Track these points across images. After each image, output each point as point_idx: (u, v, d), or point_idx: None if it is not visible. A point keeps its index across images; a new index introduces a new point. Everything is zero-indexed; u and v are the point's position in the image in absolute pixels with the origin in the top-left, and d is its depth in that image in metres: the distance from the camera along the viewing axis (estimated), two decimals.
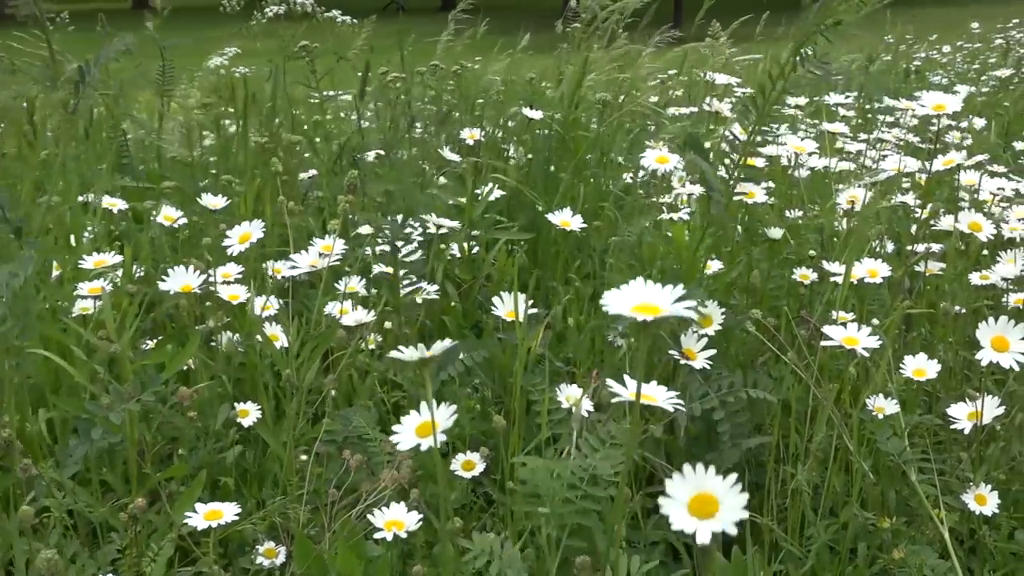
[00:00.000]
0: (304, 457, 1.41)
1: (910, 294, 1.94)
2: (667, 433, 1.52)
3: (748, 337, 1.60)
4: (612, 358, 1.64)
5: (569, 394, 1.37)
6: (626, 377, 1.02)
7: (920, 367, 1.42)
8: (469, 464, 1.42)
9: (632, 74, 2.98)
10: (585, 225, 1.81)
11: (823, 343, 1.34)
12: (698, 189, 1.92)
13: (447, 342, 1.00)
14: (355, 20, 2.96)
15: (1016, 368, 1.28)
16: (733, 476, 0.76)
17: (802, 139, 1.99)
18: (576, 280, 1.89)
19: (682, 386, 1.48)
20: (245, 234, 1.65)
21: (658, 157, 1.79)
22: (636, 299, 0.85)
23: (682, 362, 1.47)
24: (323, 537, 1.24)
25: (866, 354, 1.34)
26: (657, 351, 1.50)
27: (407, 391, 1.66)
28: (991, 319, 1.32)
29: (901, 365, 1.43)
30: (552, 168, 2.20)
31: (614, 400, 1.09)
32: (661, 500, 0.76)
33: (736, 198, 1.56)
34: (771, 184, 1.99)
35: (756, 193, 1.66)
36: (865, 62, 3.63)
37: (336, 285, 1.68)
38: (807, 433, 1.46)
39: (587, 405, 1.23)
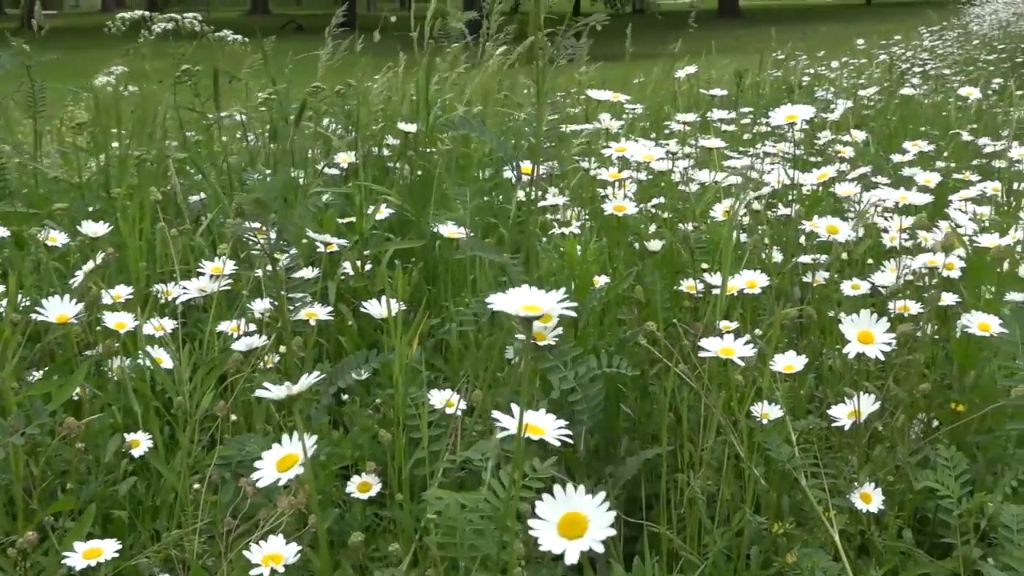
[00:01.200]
0: (198, 486, 1.38)
1: (801, 303, 2.00)
2: (565, 447, 1.53)
3: (640, 349, 1.62)
4: (512, 374, 1.65)
5: (445, 398, 1.37)
6: (514, 406, 1.02)
7: (789, 363, 1.46)
8: (365, 486, 1.40)
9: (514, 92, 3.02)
10: (473, 235, 1.81)
11: (701, 354, 1.37)
12: (561, 199, 1.95)
13: (314, 375, 0.99)
14: (246, 39, 2.92)
15: (881, 358, 1.34)
16: (602, 495, 0.77)
17: (686, 154, 2.02)
18: (468, 297, 1.89)
19: (543, 375, 1.49)
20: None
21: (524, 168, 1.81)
22: (521, 301, 0.86)
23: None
24: (220, 567, 1.21)
25: (742, 363, 1.37)
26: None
27: (303, 410, 1.64)
28: (854, 315, 1.37)
29: (771, 363, 1.46)
30: (443, 185, 2.20)
31: (502, 434, 1.09)
32: (531, 523, 0.76)
33: (607, 212, 1.59)
34: (662, 198, 2.03)
35: (626, 207, 1.69)
36: (736, 78, 3.73)
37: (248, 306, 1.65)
38: (700, 443, 1.49)
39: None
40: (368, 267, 1.98)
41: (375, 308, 1.64)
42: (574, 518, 0.77)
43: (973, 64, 8.95)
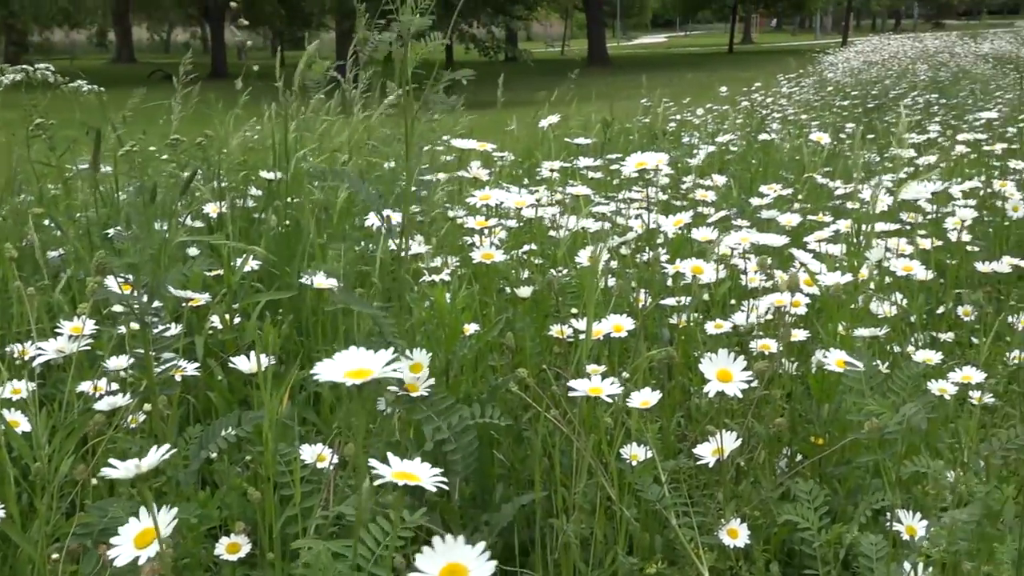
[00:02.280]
0: (57, 556, 1.32)
1: (670, 344, 2.05)
2: (440, 496, 1.53)
3: (512, 396, 1.63)
4: (386, 426, 1.63)
5: (317, 453, 1.35)
6: (390, 455, 1.02)
7: (645, 399, 1.49)
8: (234, 547, 1.37)
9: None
10: (339, 285, 1.80)
11: (570, 395, 1.40)
12: (428, 248, 1.97)
13: (164, 448, 0.96)
14: (101, 89, 2.85)
15: (739, 395, 1.38)
16: (481, 545, 0.77)
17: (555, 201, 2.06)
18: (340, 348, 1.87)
19: (416, 425, 1.49)
20: None
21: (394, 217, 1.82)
22: (348, 367, 0.86)
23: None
24: None
25: (610, 401, 1.40)
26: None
27: (171, 475, 1.59)
28: (712, 354, 1.42)
29: (628, 399, 1.49)
30: (311, 235, 2.19)
31: (377, 482, 1.08)
32: None
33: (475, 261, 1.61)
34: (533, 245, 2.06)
35: (494, 255, 1.71)
36: (602, 126, 3.83)
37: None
38: (573, 486, 1.51)
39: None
40: (237, 320, 1.95)
41: (244, 363, 1.61)
42: (454, 569, 0.76)
43: (828, 109, 9.40)
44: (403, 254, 1.60)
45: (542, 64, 25.08)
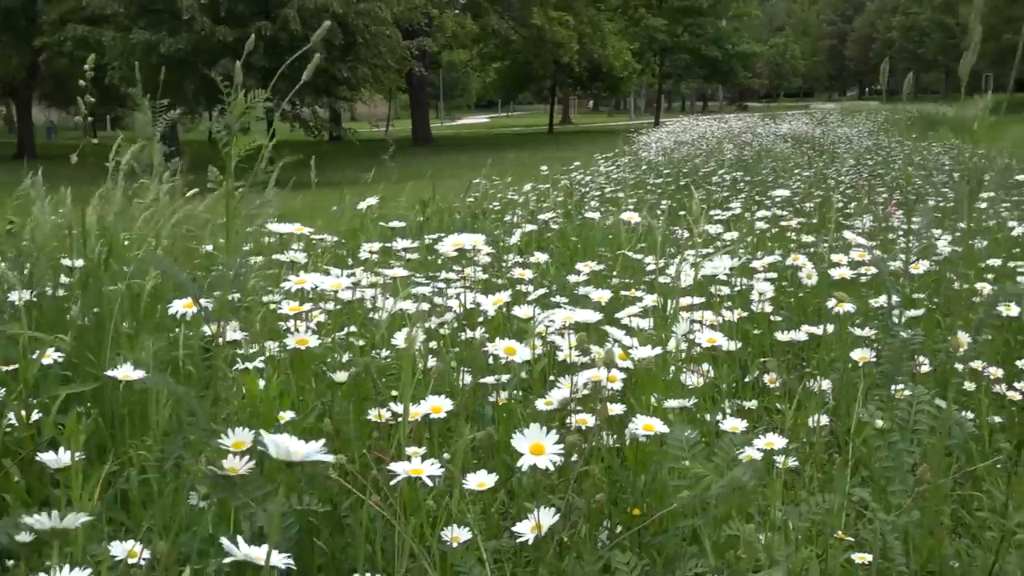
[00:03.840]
0: None
1: (492, 422, 2.06)
2: None
3: (332, 482, 1.60)
4: (200, 519, 1.57)
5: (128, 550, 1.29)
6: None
7: (481, 480, 1.50)
8: None
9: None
10: (145, 375, 1.73)
11: (392, 482, 1.38)
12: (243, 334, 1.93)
13: None
14: None
15: (552, 468, 1.40)
16: None
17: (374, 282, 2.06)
18: (151, 441, 1.80)
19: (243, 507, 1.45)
20: None
21: (185, 303, 1.78)
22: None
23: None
24: None
25: (430, 482, 1.39)
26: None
27: None
28: (525, 429, 1.44)
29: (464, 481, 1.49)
30: (123, 323, 2.10)
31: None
32: None
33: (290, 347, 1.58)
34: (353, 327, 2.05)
35: (308, 340, 1.70)
36: (420, 206, 3.88)
37: None
38: (396, 573, 1.48)
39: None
40: (37, 415, 1.84)
41: (52, 459, 1.50)
42: None
43: (643, 187, 9.81)
44: (218, 341, 1.56)
45: (368, 144, 25.18)
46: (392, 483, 1.43)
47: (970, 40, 1.87)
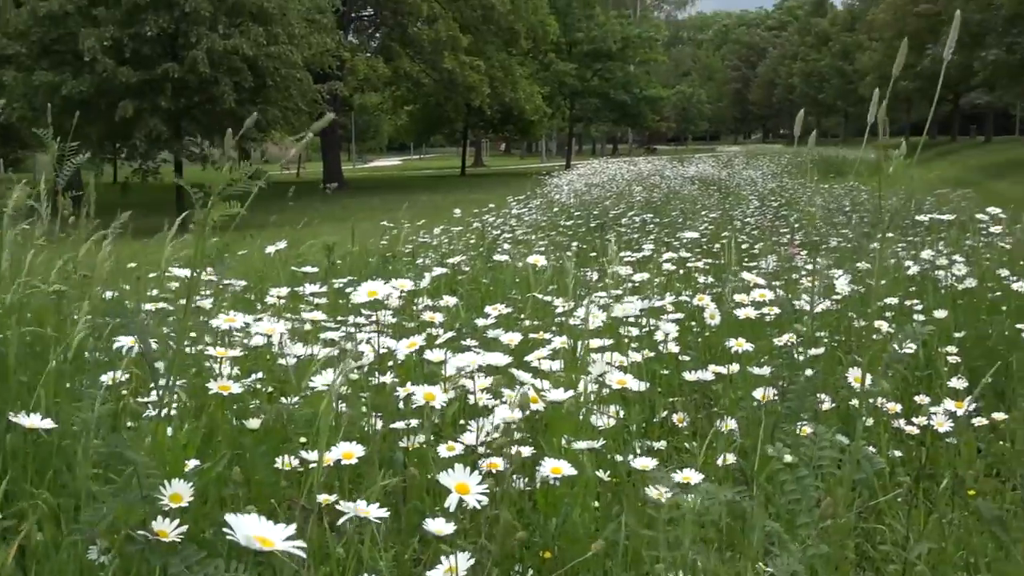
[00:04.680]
0: None
1: (403, 467, 2.05)
2: None
3: None
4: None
5: None
6: None
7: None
8: None
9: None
10: (55, 426, 1.68)
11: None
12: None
13: None
14: None
15: (479, 506, 1.41)
16: None
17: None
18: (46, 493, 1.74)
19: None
20: None
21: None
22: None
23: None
24: None
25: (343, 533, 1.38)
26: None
27: None
28: (450, 469, 1.44)
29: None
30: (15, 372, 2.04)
31: None
32: None
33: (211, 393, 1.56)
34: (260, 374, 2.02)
35: (230, 386, 1.67)
36: (327, 249, 3.86)
37: None
38: None
39: None
40: None
41: None
42: None
43: (555, 229, 9.91)
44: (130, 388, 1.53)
45: (279, 186, 24.96)
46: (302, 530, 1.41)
47: (881, 93, 1.95)
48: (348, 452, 1.65)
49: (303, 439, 1.83)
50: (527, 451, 1.79)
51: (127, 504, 1.38)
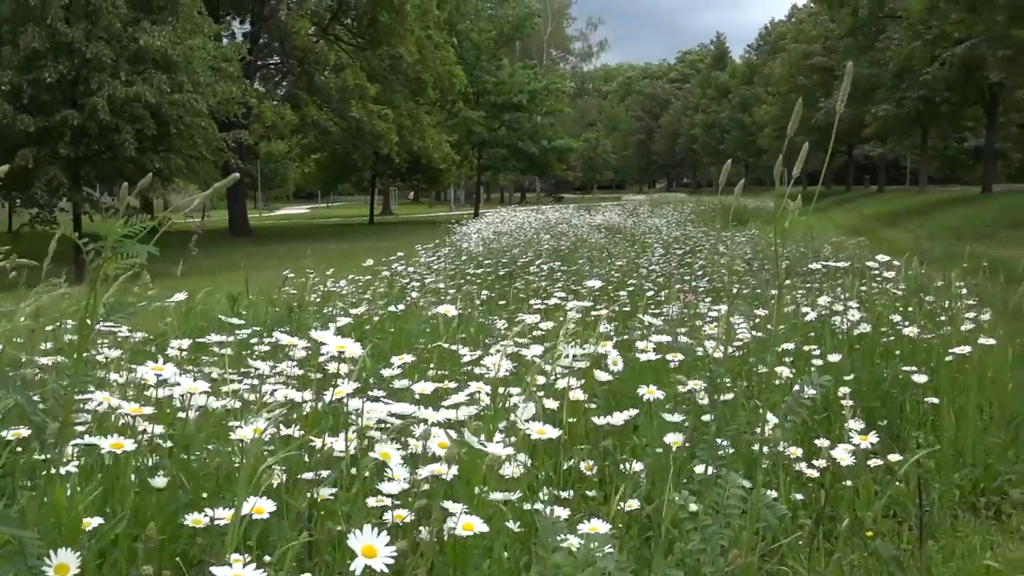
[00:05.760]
0: None
1: (309, 522, 2.02)
2: None
3: None
4: None
5: None
6: None
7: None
8: None
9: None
10: None
11: None
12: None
13: None
14: None
15: (386, 570, 1.40)
16: None
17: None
18: None
19: None
20: None
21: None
22: None
23: None
24: None
25: None
26: None
27: None
28: (358, 531, 1.43)
29: None
30: None
31: None
32: None
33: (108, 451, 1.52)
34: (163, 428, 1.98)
35: (124, 444, 1.64)
36: (231, 299, 3.82)
37: None
38: None
39: None
40: None
41: None
42: None
43: (463, 277, 9.94)
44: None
45: (182, 235, 24.54)
46: None
47: (784, 146, 2.03)
48: (259, 507, 1.61)
49: (204, 494, 1.79)
50: (452, 506, 1.78)
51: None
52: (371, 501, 1.88)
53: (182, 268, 5.23)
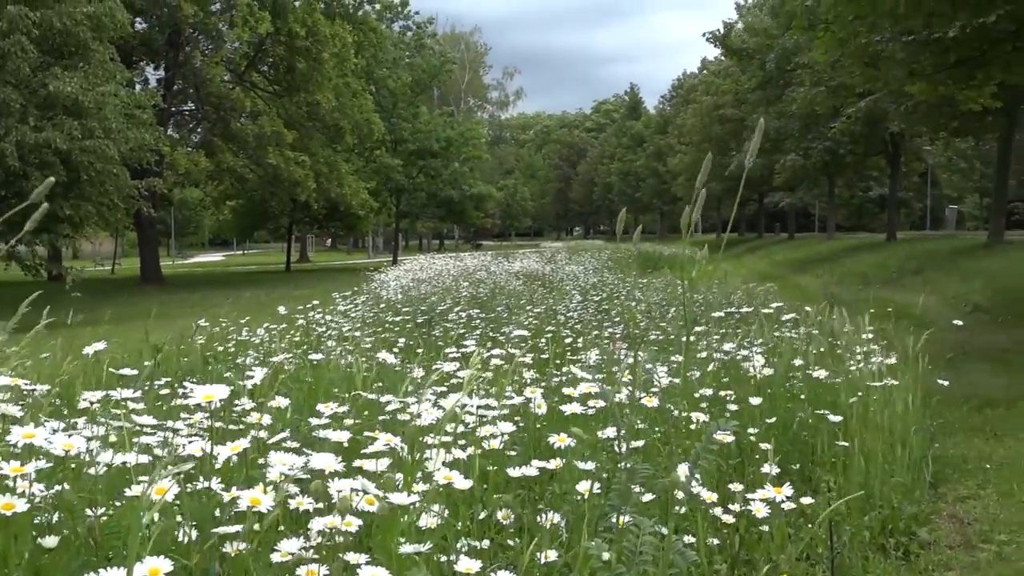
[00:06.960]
0: None
1: None
2: None
3: None
4: None
5: None
6: None
7: None
8: None
9: None
10: None
11: None
12: None
13: None
14: None
15: None
16: None
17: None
18: None
19: None
20: None
21: None
22: None
23: None
24: None
25: None
26: None
27: None
28: None
29: None
30: None
31: None
32: None
33: None
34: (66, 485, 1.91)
35: (14, 504, 1.58)
36: (154, 351, 3.75)
37: None
38: None
39: None
40: None
41: None
42: None
43: (381, 325, 9.87)
44: None
45: (93, 284, 23.96)
46: None
47: (695, 195, 2.08)
48: (155, 568, 1.54)
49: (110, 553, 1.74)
50: (358, 557, 1.76)
51: None
52: (275, 556, 1.84)
53: (83, 318, 5.09)
